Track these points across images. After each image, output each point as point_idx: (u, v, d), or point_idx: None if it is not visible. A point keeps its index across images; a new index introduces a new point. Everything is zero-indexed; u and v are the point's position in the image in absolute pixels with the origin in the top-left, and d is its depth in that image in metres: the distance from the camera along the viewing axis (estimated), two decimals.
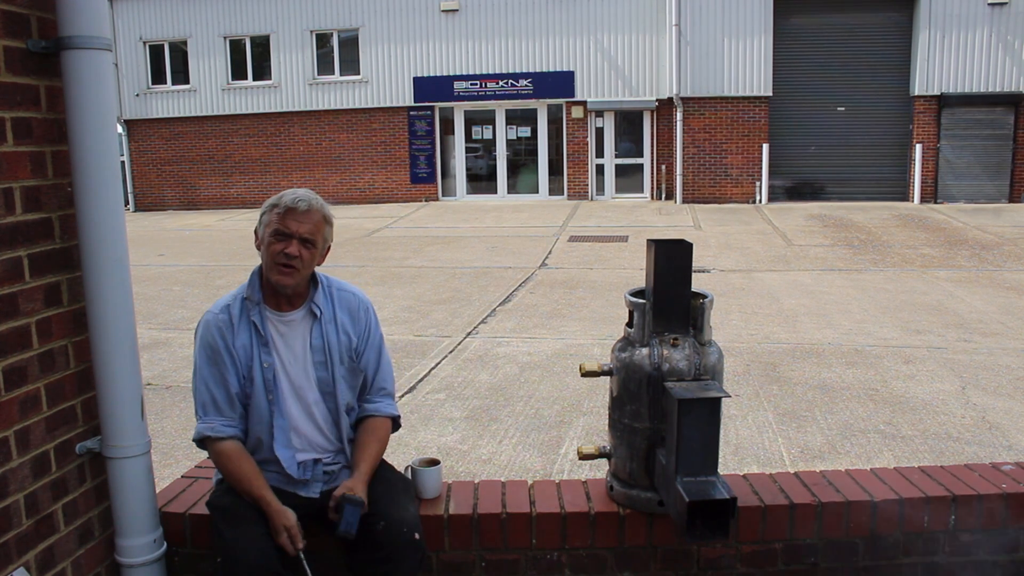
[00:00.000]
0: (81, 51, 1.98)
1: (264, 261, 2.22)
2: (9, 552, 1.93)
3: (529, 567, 2.38)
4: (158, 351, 6.84)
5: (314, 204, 2.21)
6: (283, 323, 2.27)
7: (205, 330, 2.25)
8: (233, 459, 2.19)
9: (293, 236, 2.17)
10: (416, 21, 18.79)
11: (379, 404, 2.36)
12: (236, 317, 2.24)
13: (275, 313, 2.27)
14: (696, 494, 2.03)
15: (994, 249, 11.66)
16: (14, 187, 1.92)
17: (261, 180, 20.04)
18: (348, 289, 2.38)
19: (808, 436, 4.70)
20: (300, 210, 2.18)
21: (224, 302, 2.28)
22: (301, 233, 2.17)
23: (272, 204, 2.22)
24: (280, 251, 2.17)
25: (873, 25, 17.11)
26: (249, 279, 2.28)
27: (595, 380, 5.35)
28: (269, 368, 2.23)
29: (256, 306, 2.24)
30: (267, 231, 2.19)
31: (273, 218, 2.19)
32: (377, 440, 2.30)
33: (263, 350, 2.23)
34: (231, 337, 2.22)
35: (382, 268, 10.84)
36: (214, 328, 2.23)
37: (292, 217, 2.17)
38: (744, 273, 10.18)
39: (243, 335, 2.23)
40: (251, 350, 2.23)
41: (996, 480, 2.48)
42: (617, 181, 18.95)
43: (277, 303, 2.27)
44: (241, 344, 2.23)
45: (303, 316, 2.28)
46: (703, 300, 2.25)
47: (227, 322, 2.23)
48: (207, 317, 2.26)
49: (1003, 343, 6.72)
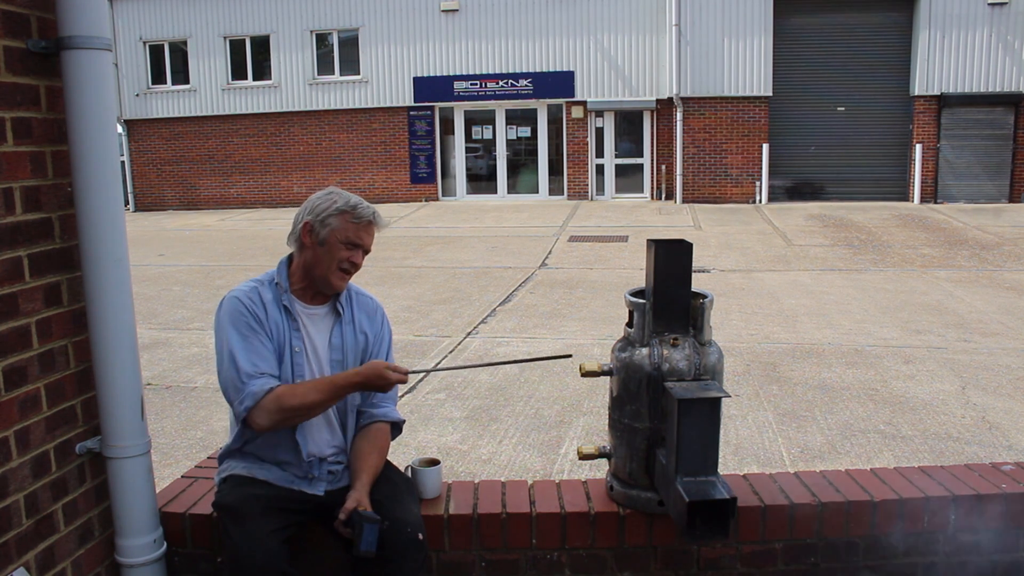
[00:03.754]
0: (81, 51, 1.98)
1: (322, 261, 2.23)
2: (9, 552, 1.93)
3: (529, 567, 2.38)
4: (158, 351, 6.84)
5: (379, 218, 2.29)
6: (308, 316, 2.29)
7: (235, 304, 2.20)
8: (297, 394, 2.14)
9: (362, 248, 2.25)
10: (416, 21, 18.79)
11: (385, 409, 2.36)
12: (267, 300, 2.24)
13: (302, 305, 2.29)
14: (696, 494, 2.03)
15: (994, 249, 11.66)
16: (14, 187, 1.92)
17: (261, 180, 20.04)
18: (365, 293, 2.44)
19: (808, 436, 4.70)
20: (376, 225, 2.27)
21: (251, 284, 2.27)
22: (368, 246, 2.28)
23: (342, 209, 2.22)
24: (347, 259, 2.23)
25: (873, 25, 17.11)
26: (278, 268, 2.30)
27: (595, 380, 5.35)
28: (299, 353, 2.24)
29: (286, 293, 2.27)
30: (337, 236, 2.21)
31: (348, 227, 2.22)
32: (377, 449, 2.29)
33: (295, 335, 2.24)
34: (263, 313, 2.22)
35: (382, 268, 10.84)
36: (247, 300, 2.21)
37: (368, 232, 2.26)
38: (744, 273, 10.18)
39: (275, 314, 2.23)
40: (284, 331, 2.23)
41: (996, 480, 2.47)
42: (617, 181, 18.95)
43: (304, 296, 2.29)
44: (274, 321, 2.22)
45: (327, 312, 2.31)
46: (703, 300, 2.25)
47: (258, 300, 2.23)
48: (235, 293, 2.23)
49: (1003, 343, 6.72)
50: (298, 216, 2.28)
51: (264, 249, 12.88)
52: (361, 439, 2.31)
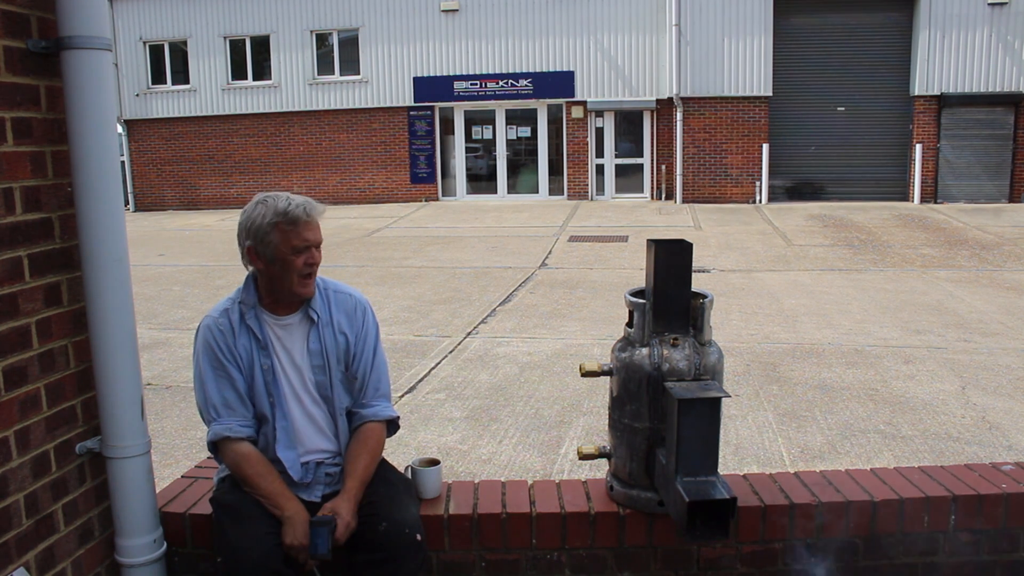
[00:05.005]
0: (81, 51, 1.98)
1: (280, 276, 2.19)
2: (9, 552, 1.93)
3: (529, 567, 2.38)
4: (158, 351, 6.84)
5: (313, 209, 2.21)
6: (280, 327, 2.27)
7: (207, 333, 2.24)
8: (251, 461, 2.18)
9: (312, 245, 2.20)
10: (416, 21, 18.79)
11: (376, 408, 2.34)
12: (235, 321, 2.25)
13: (272, 316, 2.27)
14: (696, 494, 2.03)
15: (994, 249, 11.66)
16: (14, 187, 1.92)
17: (261, 180, 20.03)
18: (344, 291, 2.37)
19: (808, 436, 4.70)
20: (306, 220, 2.18)
21: (222, 306, 2.28)
22: (317, 240, 2.22)
23: (276, 221, 2.15)
24: (303, 263, 2.18)
25: (873, 25, 17.11)
26: (244, 284, 2.28)
27: (595, 380, 5.35)
28: (268, 370, 2.23)
29: (252, 309, 2.24)
30: (282, 249, 2.15)
31: (288, 235, 2.15)
32: (368, 452, 2.27)
33: (261, 353, 2.24)
34: (232, 340, 2.23)
35: (382, 268, 10.84)
36: (216, 331, 2.23)
37: (308, 228, 2.18)
38: (744, 273, 10.18)
39: (243, 338, 2.24)
40: (251, 353, 2.24)
41: (996, 480, 2.47)
42: (617, 181, 18.95)
43: (274, 307, 2.27)
44: (242, 346, 2.23)
45: (300, 320, 2.28)
46: (703, 300, 2.25)
47: (227, 326, 2.24)
48: (207, 321, 2.26)
49: (1003, 343, 6.72)
50: (240, 238, 2.22)
51: None
52: (352, 442, 2.30)
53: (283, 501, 2.14)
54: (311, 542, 2.07)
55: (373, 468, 2.27)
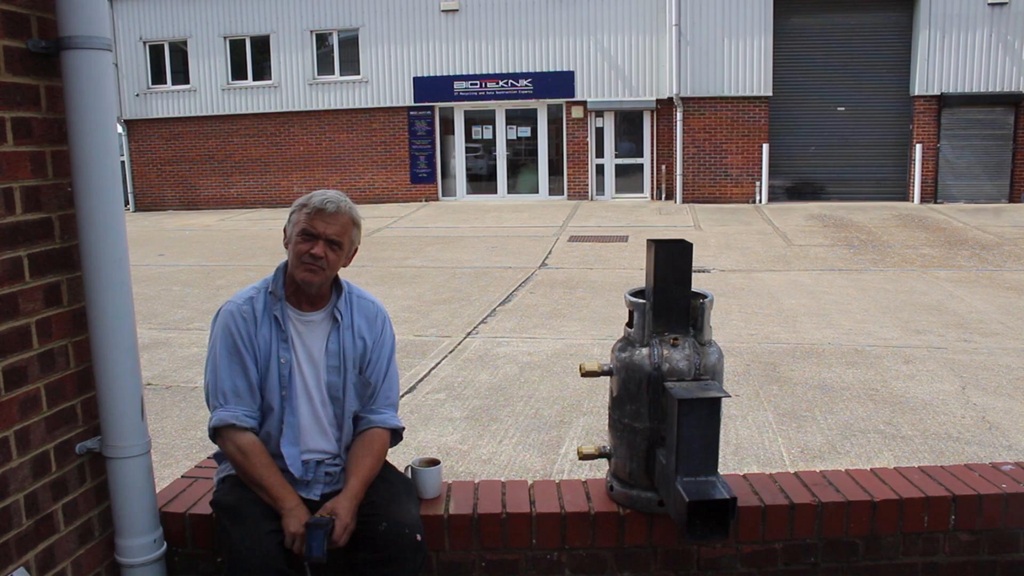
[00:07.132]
0: (81, 51, 1.98)
1: (291, 259, 2.24)
2: (9, 552, 1.93)
3: (529, 567, 2.38)
4: (158, 351, 6.84)
5: (342, 206, 2.23)
6: (303, 323, 2.28)
7: (228, 318, 2.24)
8: (254, 453, 2.18)
9: (320, 237, 2.20)
10: (416, 21, 18.79)
11: (383, 415, 2.34)
12: (259, 311, 2.26)
13: (296, 312, 2.28)
14: (696, 494, 2.03)
15: (994, 249, 11.66)
16: (14, 187, 1.92)
17: (261, 180, 20.04)
18: (368, 297, 2.41)
19: (808, 436, 4.70)
20: (328, 211, 2.20)
21: (247, 294, 2.29)
22: (328, 235, 2.20)
23: (301, 204, 2.24)
24: (306, 251, 2.19)
25: (873, 25, 17.11)
26: (274, 274, 2.30)
27: (595, 380, 5.35)
28: (286, 364, 2.24)
29: (279, 302, 2.26)
30: (295, 230, 2.22)
31: (302, 218, 2.21)
32: (372, 455, 2.27)
33: (282, 346, 2.24)
34: (253, 329, 2.23)
35: (382, 268, 10.84)
36: (238, 317, 2.24)
37: (320, 218, 2.20)
38: (744, 273, 10.18)
39: (264, 328, 2.25)
40: (271, 345, 2.24)
41: (996, 480, 2.48)
42: (617, 181, 18.95)
43: (299, 302, 2.28)
44: (262, 336, 2.24)
45: (323, 318, 2.30)
46: (703, 300, 2.25)
47: (250, 313, 2.25)
48: (229, 307, 2.27)
49: (1003, 343, 6.72)
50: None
51: (264, 249, 12.88)
52: (356, 443, 2.30)
53: (284, 493, 2.15)
54: (306, 543, 2.06)
55: (377, 470, 2.28)
